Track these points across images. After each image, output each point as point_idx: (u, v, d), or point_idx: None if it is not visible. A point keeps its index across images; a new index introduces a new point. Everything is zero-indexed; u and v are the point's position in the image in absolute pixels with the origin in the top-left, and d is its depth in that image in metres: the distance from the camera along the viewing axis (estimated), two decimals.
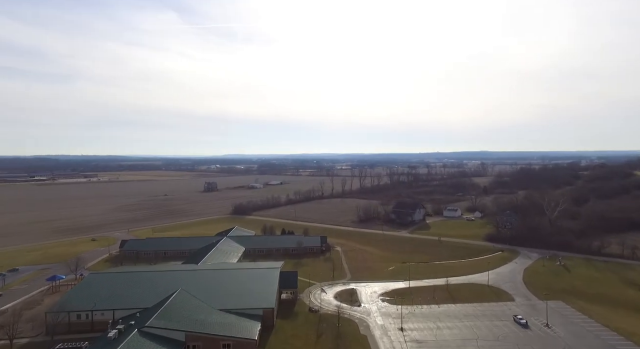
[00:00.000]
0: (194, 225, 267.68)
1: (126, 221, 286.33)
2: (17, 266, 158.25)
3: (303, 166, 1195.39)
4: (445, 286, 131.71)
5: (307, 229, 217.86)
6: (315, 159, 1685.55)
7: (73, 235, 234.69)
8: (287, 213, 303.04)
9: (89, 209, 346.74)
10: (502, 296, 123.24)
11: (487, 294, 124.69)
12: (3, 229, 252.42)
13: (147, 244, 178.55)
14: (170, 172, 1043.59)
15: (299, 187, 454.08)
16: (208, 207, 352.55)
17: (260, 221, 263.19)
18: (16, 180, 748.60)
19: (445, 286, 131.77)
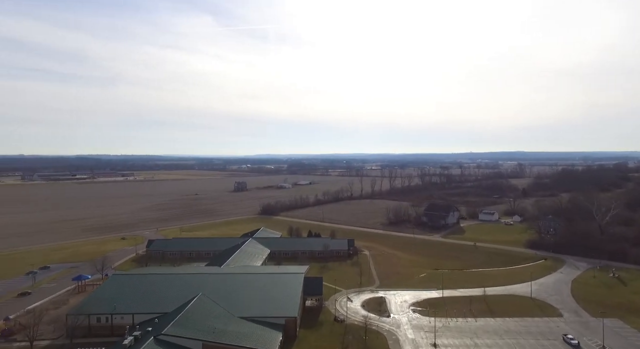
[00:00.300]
0: (221, 225, 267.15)
1: (156, 220, 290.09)
2: (49, 264, 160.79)
3: (332, 166, 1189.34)
4: (483, 297, 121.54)
5: (334, 232, 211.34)
6: (344, 159, 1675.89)
7: (105, 233, 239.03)
8: (315, 214, 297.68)
9: (123, 208, 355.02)
10: (548, 311, 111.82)
11: (531, 308, 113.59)
12: (40, 226, 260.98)
13: (173, 245, 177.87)
14: (203, 171, 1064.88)
15: (328, 187, 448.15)
16: (237, 207, 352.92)
17: (287, 222, 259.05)
18: (59, 178, 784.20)
19: (482, 297, 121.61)
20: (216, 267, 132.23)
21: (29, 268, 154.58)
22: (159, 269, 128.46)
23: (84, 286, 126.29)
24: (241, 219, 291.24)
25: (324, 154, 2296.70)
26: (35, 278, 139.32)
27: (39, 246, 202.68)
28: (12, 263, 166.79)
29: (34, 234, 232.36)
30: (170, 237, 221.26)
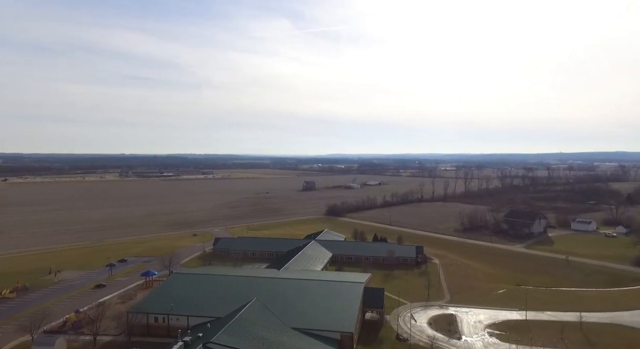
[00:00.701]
0: (287, 225, 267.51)
1: (228, 217, 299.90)
2: (126, 257, 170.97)
3: (404, 166, 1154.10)
4: (579, 324, 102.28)
5: (401, 236, 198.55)
6: (417, 160, 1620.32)
7: (180, 229, 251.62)
8: (382, 217, 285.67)
9: (200, 204, 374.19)
10: None
11: None
12: (126, 220, 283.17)
13: (237, 244, 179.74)
14: (276, 170, 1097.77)
15: (397, 188, 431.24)
16: (304, 207, 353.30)
17: (353, 224, 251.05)
18: (149, 175, 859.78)
19: (577, 324, 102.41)
20: (274, 270, 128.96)
21: (109, 260, 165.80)
22: (218, 270, 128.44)
23: (151, 281, 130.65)
24: (306, 219, 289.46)
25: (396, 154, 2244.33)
26: (112, 271, 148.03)
27: (123, 239, 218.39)
28: (98, 254, 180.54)
29: (121, 228, 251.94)
30: (238, 235, 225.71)
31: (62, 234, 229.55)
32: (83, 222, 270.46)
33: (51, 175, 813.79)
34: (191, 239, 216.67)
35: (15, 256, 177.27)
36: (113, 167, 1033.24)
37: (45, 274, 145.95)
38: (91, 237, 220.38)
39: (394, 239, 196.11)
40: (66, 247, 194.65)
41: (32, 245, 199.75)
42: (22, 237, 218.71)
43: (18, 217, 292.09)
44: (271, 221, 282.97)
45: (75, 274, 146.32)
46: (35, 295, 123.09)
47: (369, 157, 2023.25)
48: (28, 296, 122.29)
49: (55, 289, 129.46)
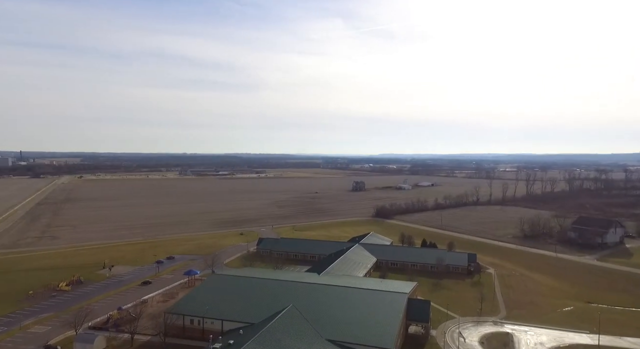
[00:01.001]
0: (333, 226, 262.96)
1: (275, 216, 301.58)
2: (174, 255, 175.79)
3: (459, 167, 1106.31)
4: None
5: (452, 242, 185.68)
6: (474, 160, 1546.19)
7: (228, 227, 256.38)
8: (433, 220, 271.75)
9: (249, 203, 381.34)
10: None
11: None
12: (180, 217, 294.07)
13: (280, 245, 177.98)
14: (327, 170, 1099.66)
15: (451, 190, 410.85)
16: (351, 208, 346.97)
17: (401, 227, 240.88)
18: (206, 174, 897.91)
19: None
20: (314, 274, 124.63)
21: (158, 257, 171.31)
22: (257, 272, 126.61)
23: (193, 280, 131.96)
24: (353, 220, 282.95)
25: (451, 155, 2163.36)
26: (159, 268, 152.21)
27: (175, 235, 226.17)
28: (150, 250, 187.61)
29: (175, 225, 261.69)
30: (283, 235, 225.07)
31: (121, 229, 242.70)
32: (142, 218, 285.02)
33: (120, 173, 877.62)
34: (237, 238, 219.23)
35: (78, 249, 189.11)
36: (175, 165, 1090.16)
37: (100, 268, 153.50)
38: (147, 233, 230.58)
39: (445, 245, 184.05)
40: (124, 243, 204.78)
41: (95, 239, 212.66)
42: (87, 232, 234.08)
43: (87, 212, 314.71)
44: (318, 221, 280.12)
45: (127, 270, 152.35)
46: (88, 289, 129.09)
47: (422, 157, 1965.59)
48: (82, 289, 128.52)
49: (106, 283, 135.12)
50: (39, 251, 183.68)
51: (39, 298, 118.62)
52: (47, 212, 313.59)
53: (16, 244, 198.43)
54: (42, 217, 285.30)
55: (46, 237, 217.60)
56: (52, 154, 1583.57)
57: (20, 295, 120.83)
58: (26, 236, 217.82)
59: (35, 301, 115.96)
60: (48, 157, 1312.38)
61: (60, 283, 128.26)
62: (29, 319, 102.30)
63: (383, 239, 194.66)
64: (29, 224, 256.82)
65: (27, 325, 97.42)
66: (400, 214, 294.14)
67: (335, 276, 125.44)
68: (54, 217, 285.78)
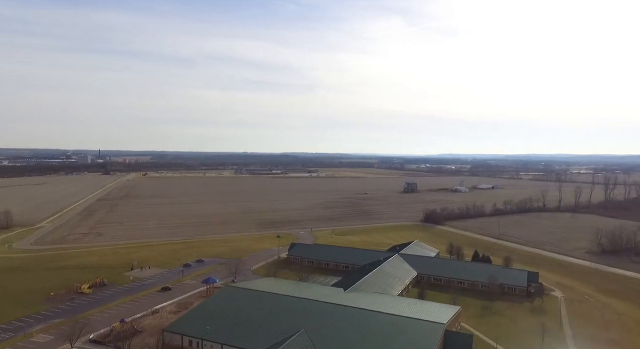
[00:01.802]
0: (376, 230, 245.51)
1: (318, 218, 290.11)
2: (204, 258, 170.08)
3: (525, 168, 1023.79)
4: None
5: (510, 256, 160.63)
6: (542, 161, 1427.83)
7: (268, 229, 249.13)
8: (489, 228, 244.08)
9: (295, 203, 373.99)
10: None
11: None
12: (223, 216, 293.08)
13: (312, 252, 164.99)
14: (381, 170, 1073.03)
15: (514, 194, 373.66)
16: (400, 211, 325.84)
17: (451, 235, 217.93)
18: (260, 172, 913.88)
19: None
20: (340, 290, 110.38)
21: (187, 259, 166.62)
22: (277, 285, 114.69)
23: (212, 289, 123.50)
24: (399, 225, 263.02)
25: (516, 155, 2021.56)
26: (184, 273, 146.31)
27: (212, 236, 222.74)
28: (183, 251, 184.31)
29: (215, 225, 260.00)
30: (321, 239, 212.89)
31: (164, 228, 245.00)
32: (187, 217, 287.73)
33: (181, 171, 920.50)
34: (273, 241, 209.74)
35: (116, 248, 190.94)
36: (232, 164, 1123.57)
37: (128, 269, 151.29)
38: (187, 233, 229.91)
39: (500, 259, 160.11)
40: (161, 242, 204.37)
41: (136, 237, 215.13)
42: (131, 230, 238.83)
43: (139, 209, 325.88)
44: (361, 225, 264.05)
45: (153, 272, 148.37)
46: (108, 293, 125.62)
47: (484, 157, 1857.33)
48: (102, 293, 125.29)
49: (128, 288, 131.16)
50: (80, 248, 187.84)
51: (58, 301, 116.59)
52: (104, 208, 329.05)
53: (63, 240, 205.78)
54: (97, 214, 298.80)
55: (92, 234, 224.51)
56: (127, 152, 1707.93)
57: (43, 296, 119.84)
58: (75, 232, 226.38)
59: (54, 304, 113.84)
60: (122, 156, 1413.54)
61: (83, 285, 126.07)
62: (39, 325, 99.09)
63: (427, 249, 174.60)
64: (82, 220, 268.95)
65: (31, 333, 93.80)
66: (452, 219, 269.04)
67: (364, 293, 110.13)
68: (107, 214, 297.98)
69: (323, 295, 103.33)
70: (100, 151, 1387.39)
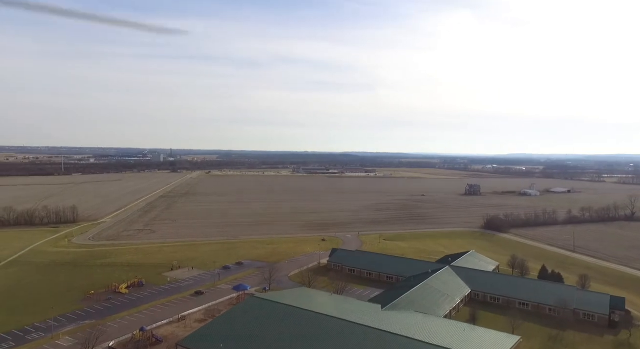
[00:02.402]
0: (429, 237, 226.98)
1: (368, 221, 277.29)
2: (244, 260, 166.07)
3: (610, 170, 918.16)
4: None
5: (587, 275, 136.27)
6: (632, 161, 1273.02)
7: (315, 230, 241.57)
8: (562, 238, 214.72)
9: (347, 204, 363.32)
10: None
11: None
12: (271, 216, 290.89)
13: (354, 259, 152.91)
14: (442, 170, 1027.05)
15: (593, 199, 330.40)
16: (457, 215, 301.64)
17: (515, 244, 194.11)
18: (316, 172, 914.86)
19: None
20: (376, 307, 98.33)
21: (229, 260, 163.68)
22: (307, 296, 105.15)
23: (243, 296, 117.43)
24: (455, 231, 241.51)
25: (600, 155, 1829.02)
26: (220, 276, 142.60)
27: (257, 237, 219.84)
28: (226, 252, 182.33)
29: (262, 224, 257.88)
30: (368, 243, 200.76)
31: (211, 226, 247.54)
32: (236, 216, 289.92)
33: (242, 169, 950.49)
34: (318, 244, 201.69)
35: (163, 246, 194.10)
36: (292, 163, 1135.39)
37: (168, 269, 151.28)
38: (231, 232, 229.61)
39: (575, 277, 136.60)
40: (205, 242, 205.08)
41: (185, 236, 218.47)
42: (182, 227, 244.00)
43: (194, 206, 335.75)
44: (413, 230, 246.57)
45: (192, 274, 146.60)
46: (144, 293, 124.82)
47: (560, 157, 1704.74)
48: (138, 293, 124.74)
49: (164, 289, 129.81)
50: (130, 245, 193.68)
51: (95, 299, 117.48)
52: (163, 204, 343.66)
53: (117, 236, 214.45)
54: (155, 210, 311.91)
55: (146, 230, 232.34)
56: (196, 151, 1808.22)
57: (83, 293, 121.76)
58: (130, 229, 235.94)
59: (89, 303, 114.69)
60: (191, 154, 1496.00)
61: (121, 285, 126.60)
62: (70, 325, 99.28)
63: (485, 261, 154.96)
64: (141, 216, 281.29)
65: (58, 334, 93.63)
66: (517, 227, 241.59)
67: (404, 312, 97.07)
68: (164, 210, 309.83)
69: (355, 312, 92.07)
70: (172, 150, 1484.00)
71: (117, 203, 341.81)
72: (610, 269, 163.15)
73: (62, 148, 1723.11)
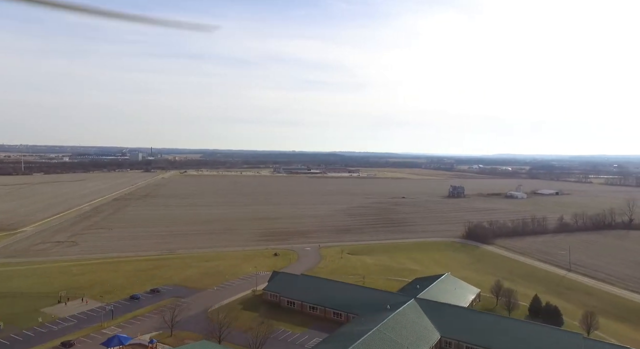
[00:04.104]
0: (401, 249, 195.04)
1: (336, 229, 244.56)
2: (164, 285, 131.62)
3: (596, 171, 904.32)
4: None
5: (592, 314, 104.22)
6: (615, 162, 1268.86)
7: (271, 241, 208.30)
8: (555, 250, 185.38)
9: (318, 208, 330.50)
10: None
11: None
12: (230, 223, 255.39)
13: (296, 287, 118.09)
14: (428, 170, 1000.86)
15: (584, 202, 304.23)
16: (438, 222, 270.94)
17: (501, 261, 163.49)
18: (298, 172, 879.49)
19: None
20: None
21: (145, 286, 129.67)
22: None
23: None
24: (434, 242, 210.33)
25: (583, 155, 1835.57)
26: (115, 313, 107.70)
27: (197, 251, 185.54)
28: (149, 272, 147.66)
29: (212, 234, 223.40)
30: (328, 258, 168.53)
31: (151, 237, 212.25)
32: (190, 223, 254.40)
33: (221, 169, 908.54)
34: (268, 260, 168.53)
35: (73, 265, 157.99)
36: (276, 162, 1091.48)
37: (55, 301, 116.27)
38: (172, 244, 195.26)
39: (575, 308, 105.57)
40: (132, 258, 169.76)
41: (107, 250, 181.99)
42: (112, 239, 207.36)
43: (147, 211, 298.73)
44: (385, 240, 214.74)
45: (82, 309, 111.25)
46: None
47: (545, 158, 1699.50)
48: None
49: (24, 336, 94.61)
50: (31, 264, 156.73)
51: None
52: (111, 209, 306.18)
53: (26, 251, 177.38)
54: (99, 215, 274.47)
55: (67, 242, 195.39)
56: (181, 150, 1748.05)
57: None
58: (50, 240, 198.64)
59: None
60: (175, 154, 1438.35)
61: None
62: None
63: (463, 287, 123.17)
64: (75, 224, 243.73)
65: None
66: (503, 236, 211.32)
67: None
68: (108, 216, 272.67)
69: None
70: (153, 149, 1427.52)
71: (59, 207, 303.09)
72: (616, 296, 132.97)
73: (43, 147, 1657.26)
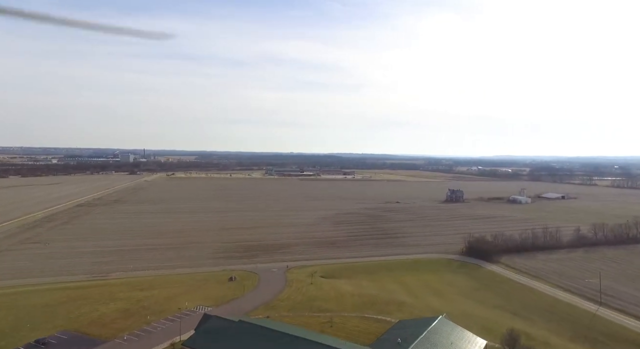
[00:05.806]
0: (387, 270, 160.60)
1: (315, 242, 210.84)
2: (58, 332, 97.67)
3: (599, 172, 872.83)
4: None
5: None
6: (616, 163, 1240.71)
7: (234, 258, 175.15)
8: (575, 272, 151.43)
9: (304, 215, 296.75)
10: None
11: None
12: (186, 236, 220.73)
13: (230, 339, 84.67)
14: (426, 172, 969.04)
15: (595, 208, 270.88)
16: (433, 233, 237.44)
17: (512, 287, 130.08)
18: (290, 174, 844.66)
19: None
20: None
21: (36, 333, 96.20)
22: None
23: None
24: (426, 260, 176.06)
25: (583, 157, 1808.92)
26: None
27: (136, 273, 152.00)
28: (61, 307, 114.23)
29: (163, 250, 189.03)
30: (296, 282, 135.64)
31: (83, 256, 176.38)
32: (138, 235, 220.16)
33: (211, 171, 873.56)
34: (219, 288, 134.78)
35: None
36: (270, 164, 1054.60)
37: None
38: (107, 266, 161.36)
39: None
40: (43, 286, 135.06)
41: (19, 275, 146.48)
42: (40, 257, 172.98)
43: (109, 220, 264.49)
44: (370, 258, 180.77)
45: None
46: None
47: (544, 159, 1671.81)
48: None
49: None
50: None
51: None
52: (66, 217, 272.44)
53: None
54: (42, 227, 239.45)
55: None
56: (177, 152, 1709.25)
57: None
58: None
59: None
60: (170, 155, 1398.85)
61: None
62: None
63: (464, 338, 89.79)
64: (7, 238, 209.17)
65: None
66: (510, 252, 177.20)
67: None
68: (54, 228, 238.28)
69: None
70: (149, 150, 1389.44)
71: (15, 214, 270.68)
72: None
73: (39, 149, 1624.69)
